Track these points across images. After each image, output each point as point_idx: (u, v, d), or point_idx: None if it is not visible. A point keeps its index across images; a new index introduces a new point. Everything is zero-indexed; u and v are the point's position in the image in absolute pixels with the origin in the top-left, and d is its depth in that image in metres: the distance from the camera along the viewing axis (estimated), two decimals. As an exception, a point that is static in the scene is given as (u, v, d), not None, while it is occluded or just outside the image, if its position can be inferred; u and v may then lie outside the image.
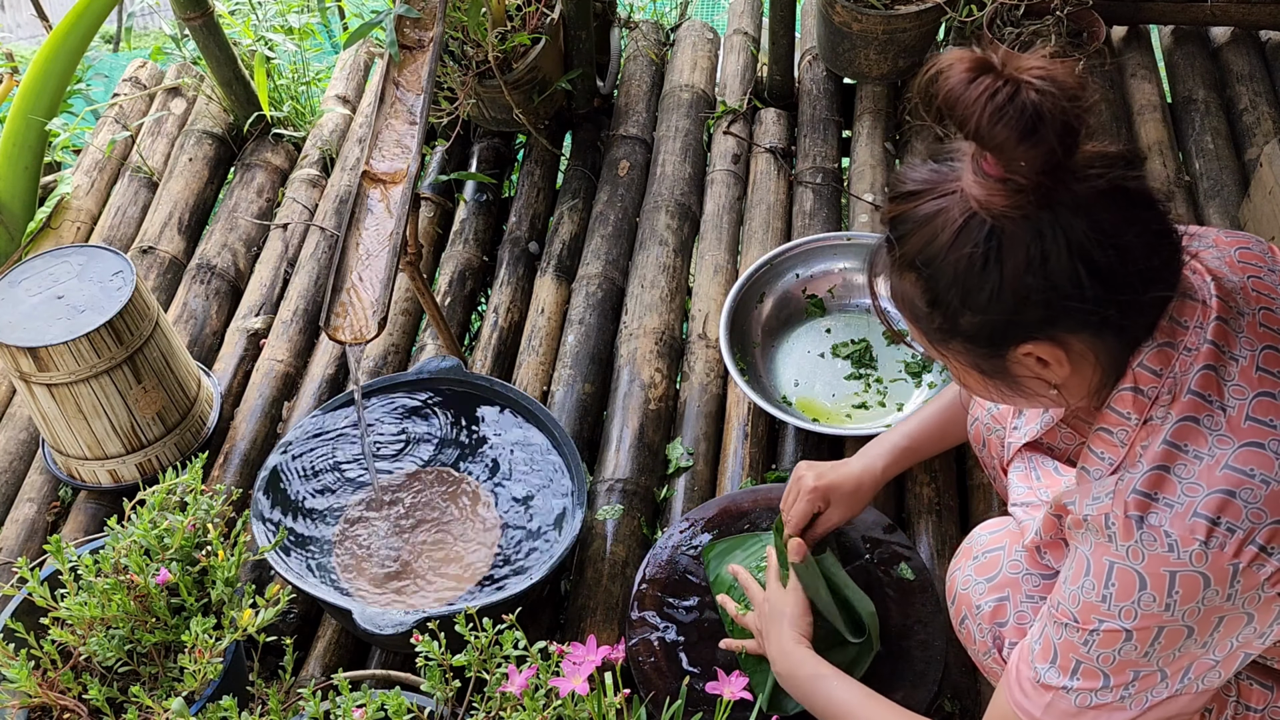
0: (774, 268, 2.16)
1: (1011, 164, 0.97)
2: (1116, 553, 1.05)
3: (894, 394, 2.03)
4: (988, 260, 1.01)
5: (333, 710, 1.27)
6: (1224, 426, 1.04)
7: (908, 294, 1.10)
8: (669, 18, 3.02)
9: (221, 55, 2.51)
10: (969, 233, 1.01)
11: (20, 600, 1.53)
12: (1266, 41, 2.71)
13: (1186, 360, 1.07)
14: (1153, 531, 1.03)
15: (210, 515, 1.51)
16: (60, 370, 1.77)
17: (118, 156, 2.64)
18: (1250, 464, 1.02)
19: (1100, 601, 1.06)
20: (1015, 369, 1.10)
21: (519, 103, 2.43)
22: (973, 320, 1.06)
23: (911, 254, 1.06)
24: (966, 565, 1.45)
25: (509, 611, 1.33)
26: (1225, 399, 1.05)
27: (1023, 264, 1.00)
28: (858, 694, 1.37)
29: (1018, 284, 1.01)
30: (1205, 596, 1.02)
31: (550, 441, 1.87)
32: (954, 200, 1.03)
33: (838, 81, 2.69)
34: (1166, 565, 1.02)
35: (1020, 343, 1.06)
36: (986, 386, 1.15)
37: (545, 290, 2.30)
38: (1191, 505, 1.02)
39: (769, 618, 1.51)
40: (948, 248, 1.03)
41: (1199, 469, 1.03)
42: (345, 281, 1.66)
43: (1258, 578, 1.02)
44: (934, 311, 1.08)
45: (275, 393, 2.15)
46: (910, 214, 1.06)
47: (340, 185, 2.53)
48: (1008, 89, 0.94)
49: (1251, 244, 1.16)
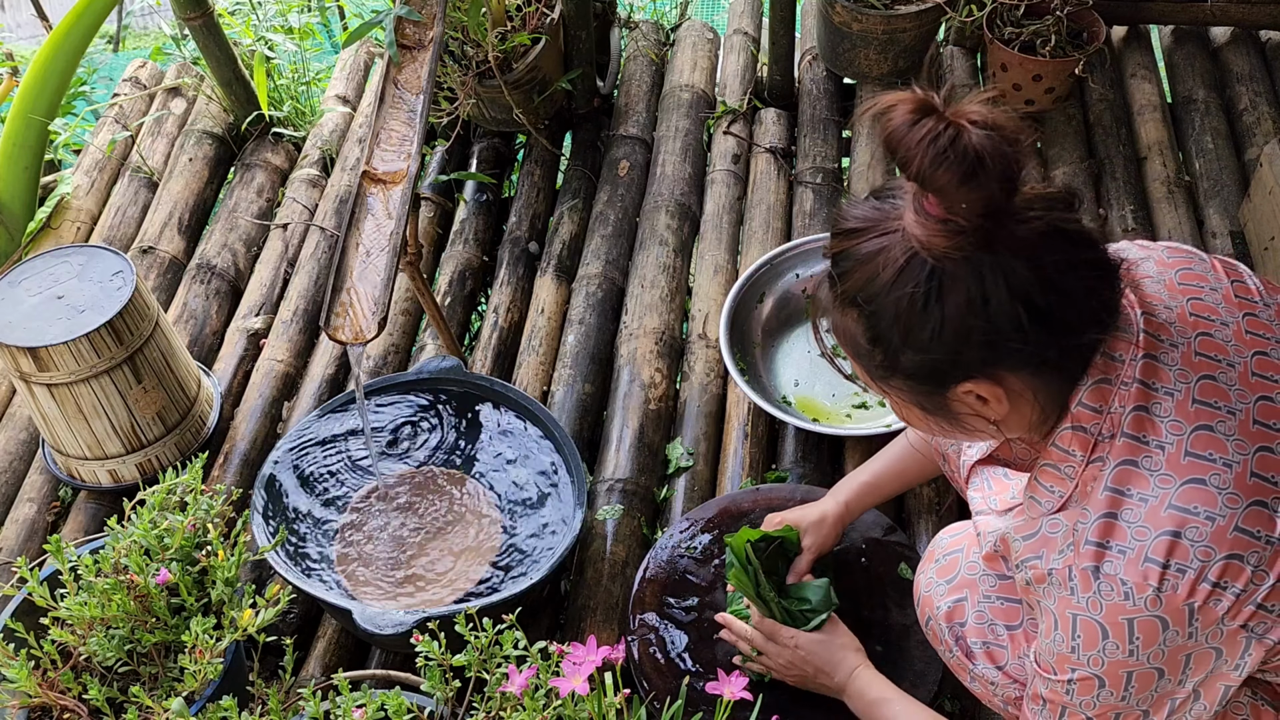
0: (774, 268, 2.16)
1: (953, 206, 0.97)
2: (1078, 604, 1.06)
3: (894, 394, 2.03)
4: (928, 300, 1.01)
5: (333, 710, 1.27)
6: (1163, 465, 1.04)
7: (850, 330, 1.10)
8: (669, 18, 3.02)
9: (221, 55, 2.51)
10: (910, 272, 1.01)
11: (20, 600, 1.53)
12: (1266, 41, 2.71)
13: (1124, 394, 1.07)
14: (1109, 580, 1.04)
15: (210, 515, 1.51)
16: (60, 370, 1.77)
17: (118, 156, 2.64)
18: (1193, 501, 1.02)
19: (1070, 653, 1.08)
20: (955, 406, 1.10)
21: (519, 103, 2.43)
22: (914, 359, 1.06)
23: (853, 291, 1.06)
24: (929, 569, 1.48)
25: (509, 611, 1.33)
26: (1163, 436, 1.05)
27: (964, 305, 1.00)
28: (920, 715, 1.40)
29: (959, 324, 1.01)
30: (1165, 639, 1.03)
31: (550, 441, 1.87)
32: (895, 239, 1.02)
33: (838, 81, 2.69)
34: (1124, 614, 1.03)
35: (960, 381, 1.06)
36: (927, 422, 1.15)
37: (545, 290, 2.30)
38: (1141, 550, 1.03)
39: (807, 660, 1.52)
40: (889, 286, 1.03)
41: (1144, 512, 1.04)
42: (345, 281, 1.66)
43: (1215, 613, 1.02)
44: (875, 349, 1.08)
45: (275, 393, 2.15)
46: (852, 251, 1.06)
47: (340, 185, 2.53)
48: (949, 132, 0.94)
49: (1194, 263, 1.15)
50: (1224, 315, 1.11)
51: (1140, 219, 2.32)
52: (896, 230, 1.03)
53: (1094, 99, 2.56)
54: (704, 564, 1.76)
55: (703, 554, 1.77)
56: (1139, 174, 2.43)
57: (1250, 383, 1.07)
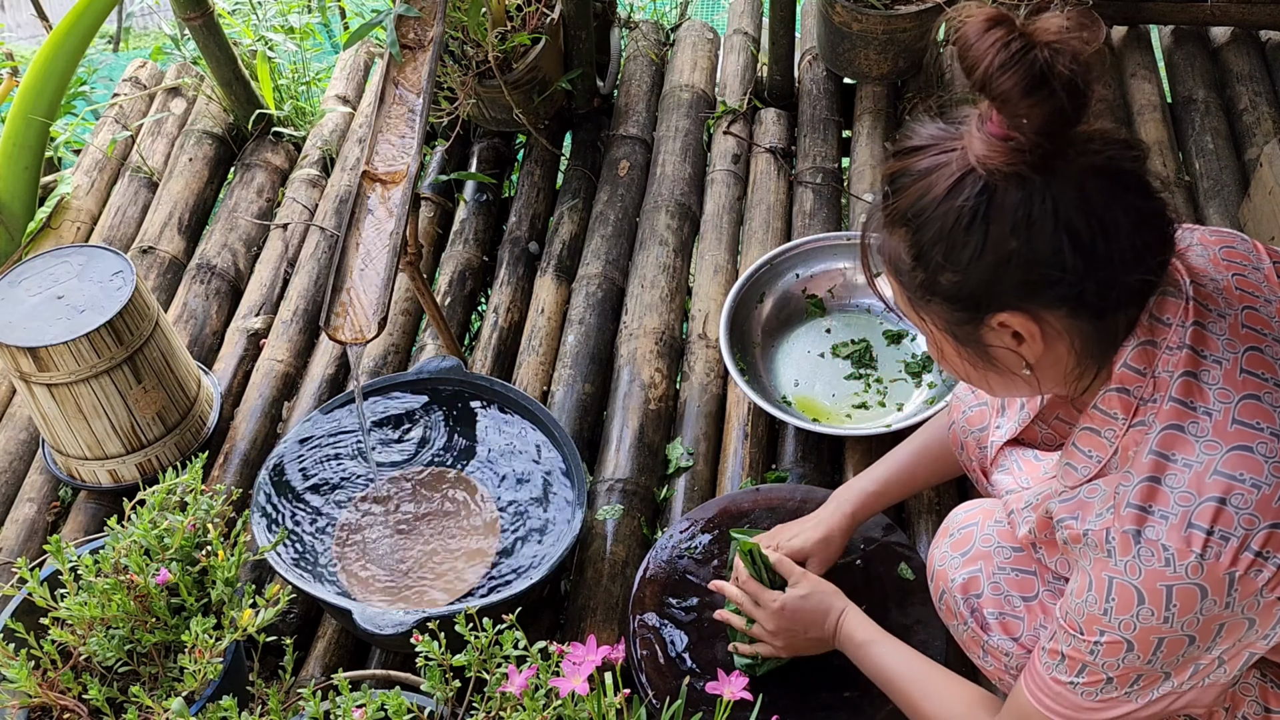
0: (774, 268, 2.16)
1: (1014, 120, 0.98)
2: (1115, 568, 1.06)
3: (894, 394, 2.03)
4: (975, 217, 1.02)
5: (333, 710, 1.27)
6: (1210, 432, 1.04)
7: (895, 250, 1.10)
8: (669, 18, 3.02)
9: (221, 55, 2.51)
10: (962, 187, 1.02)
11: (20, 600, 1.53)
12: (1266, 41, 2.71)
13: (1169, 359, 1.07)
14: (1150, 545, 1.03)
15: (210, 515, 1.51)
16: (60, 370, 1.77)
17: (118, 156, 2.64)
18: (1239, 469, 1.02)
19: (1102, 615, 1.07)
20: (989, 339, 1.10)
21: (519, 103, 2.43)
22: (953, 279, 1.06)
23: (904, 207, 1.07)
24: (943, 543, 1.48)
25: (509, 611, 1.33)
26: (1210, 403, 1.05)
27: (1009, 225, 1.01)
28: (913, 660, 1.40)
29: (1001, 245, 1.02)
30: (1203, 607, 1.03)
31: (550, 441, 1.87)
32: (954, 156, 1.04)
33: (838, 81, 2.68)
34: (1163, 580, 1.03)
35: (997, 310, 1.06)
36: (961, 359, 1.15)
37: (545, 290, 2.30)
38: (1186, 515, 1.02)
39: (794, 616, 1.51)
40: (939, 201, 1.03)
41: (1189, 477, 1.03)
42: (345, 281, 1.66)
43: (1255, 584, 1.02)
44: (917, 267, 1.08)
45: (275, 393, 2.15)
46: (910, 168, 1.07)
47: (340, 185, 2.53)
48: (1020, 42, 0.95)
49: (1236, 242, 1.16)
50: (1267, 293, 1.11)
51: (1140, 219, 2.31)
52: (956, 149, 1.03)
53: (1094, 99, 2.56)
54: (704, 564, 1.76)
55: (703, 554, 1.77)
56: (1139, 174, 2.43)
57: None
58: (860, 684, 1.55)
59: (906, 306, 1.15)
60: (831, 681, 1.59)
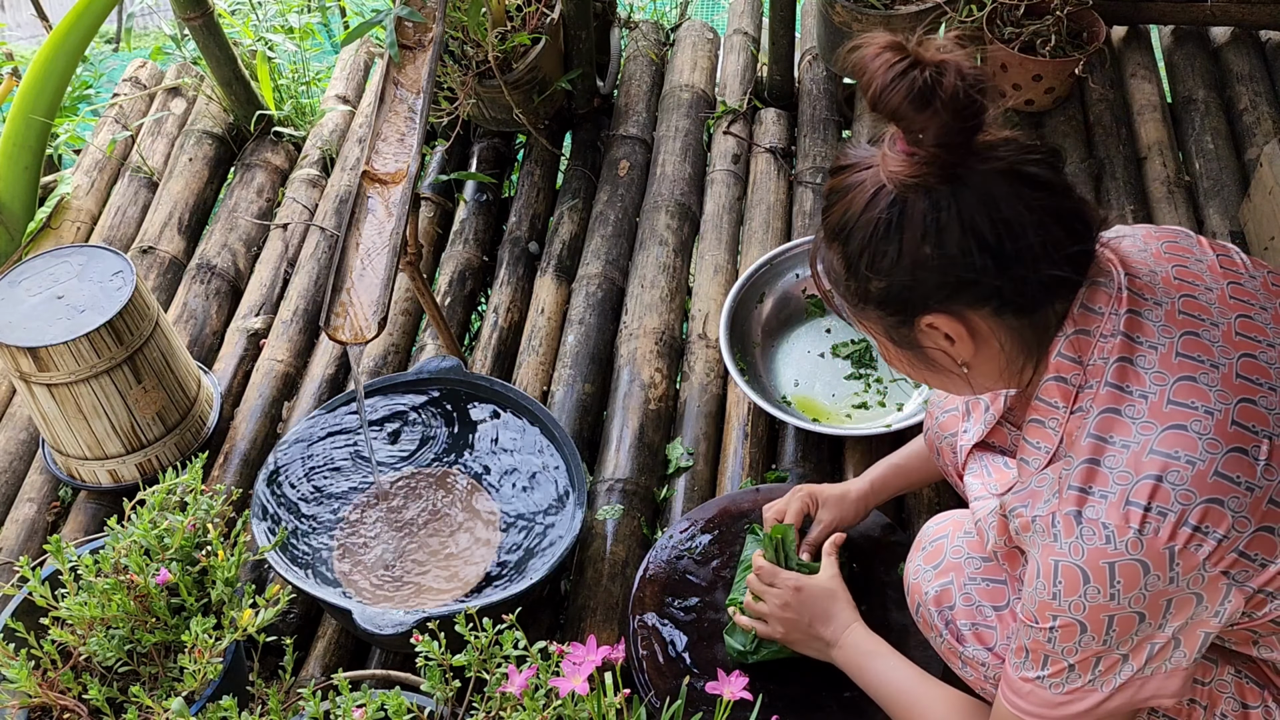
0: (774, 268, 2.16)
1: (912, 135, 1.05)
2: (1060, 551, 1.09)
3: (894, 394, 2.03)
4: (890, 227, 1.09)
5: (333, 710, 1.27)
6: (1146, 414, 1.08)
7: (831, 263, 1.18)
8: (669, 18, 3.02)
9: (221, 55, 2.51)
10: (877, 200, 1.10)
11: (20, 600, 1.53)
12: (1266, 41, 2.71)
13: (1103, 346, 1.11)
14: (1091, 525, 1.07)
15: (210, 515, 1.51)
16: (60, 370, 1.77)
17: (118, 156, 2.64)
18: (1175, 446, 1.05)
19: (1052, 599, 1.10)
20: (923, 341, 1.16)
21: (519, 103, 2.43)
22: (879, 286, 1.13)
23: (834, 223, 1.14)
24: (916, 556, 1.50)
25: (509, 611, 1.33)
26: (1146, 386, 1.09)
27: (920, 232, 1.08)
28: (911, 674, 1.42)
29: (915, 251, 1.09)
30: (1147, 583, 1.05)
31: (550, 441, 1.87)
32: (871, 173, 1.11)
33: (838, 81, 2.68)
34: (1105, 558, 1.06)
35: (923, 313, 1.13)
36: (902, 359, 1.22)
37: (545, 290, 2.30)
38: (1123, 493, 1.05)
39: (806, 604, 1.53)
40: (859, 214, 1.11)
41: (1126, 457, 1.07)
42: (345, 281, 1.66)
43: (1196, 558, 1.04)
44: (849, 277, 1.15)
45: (275, 393, 2.15)
46: (838, 186, 1.14)
47: (340, 185, 2.53)
48: (906, 62, 1.02)
49: (1179, 237, 1.21)
50: (1208, 281, 1.16)
51: (1140, 219, 2.32)
52: (874, 166, 1.11)
53: (1094, 99, 2.56)
54: (704, 564, 1.76)
55: (703, 554, 1.77)
56: (1139, 174, 2.44)
57: (1234, 340, 1.11)
58: (860, 684, 1.54)
59: (850, 315, 1.22)
60: (831, 682, 1.59)
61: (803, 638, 1.54)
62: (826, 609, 1.52)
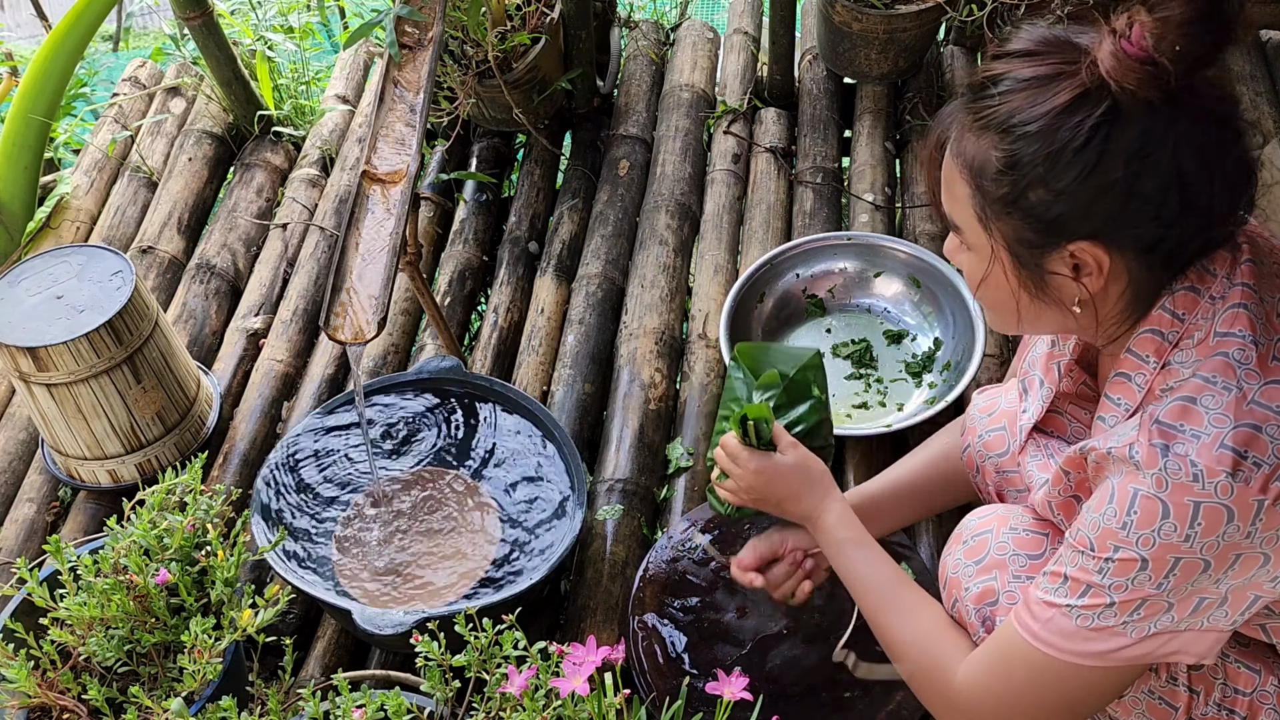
0: (774, 268, 2.16)
1: (1163, 45, 0.94)
2: (1141, 480, 1.03)
3: (894, 394, 2.03)
4: (1092, 138, 0.98)
5: (332, 710, 1.27)
6: (1254, 361, 1.03)
7: (979, 155, 1.05)
8: (669, 17, 3.02)
9: (221, 55, 2.51)
10: (1085, 103, 0.98)
11: (20, 600, 1.53)
12: (1267, 41, 2.71)
13: (1209, 307, 1.06)
14: (1178, 460, 1.01)
15: (210, 515, 1.50)
16: (60, 370, 1.77)
17: (117, 156, 2.64)
18: (1277, 401, 1.01)
19: (1120, 529, 1.04)
20: (1053, 267, 1.07)
21: (519, 102, 2.43)
22: (1044, 197, 1.02)
23: (1007, 112, 1.02)
24: (957, 550, 1.44)
25: (509, 611, 1.33)
26: (1257, 335, 1.04)
27: (1125, 154, 0.98)
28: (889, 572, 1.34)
29: (1109, 173, 0.99)
30: (1226, 531, 1.01)
31: (550, 441, 1.87)
32: (1076, 69, 1.00)
33: (838, 81, 2.68)
34: (1191, 495, 1.01)
35: (1076, 239, 1.03)
36: (1010, 281, 1.11)
37: (545, 290, 2.30)
38: (1218, 437, 1.01)
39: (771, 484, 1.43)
40: (1056, 112, 0.99)
41: (1228, 400, 1.02)
42: (345, 281, 1.66)
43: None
44: (1004, 178, 1.04)
45: (275, 393, 2.15)
46: (1018, 73, 1.03)
47: (340, 185, 2.53)
48: None
49: None
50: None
51: (1140, 219, 2.31)
52: (1079, 61, 1.00)
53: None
54: (704, 564, 1.76)
55: (703, 554, 1.77)
56: (1139, 174, 2.43)
57: None
58: (860, 684, 1.54)
59: (970, 216, 1.10)
60: (832, 682, 1.59)
61: (776, 509, 1.46)
62: (793, 488, 1.42)
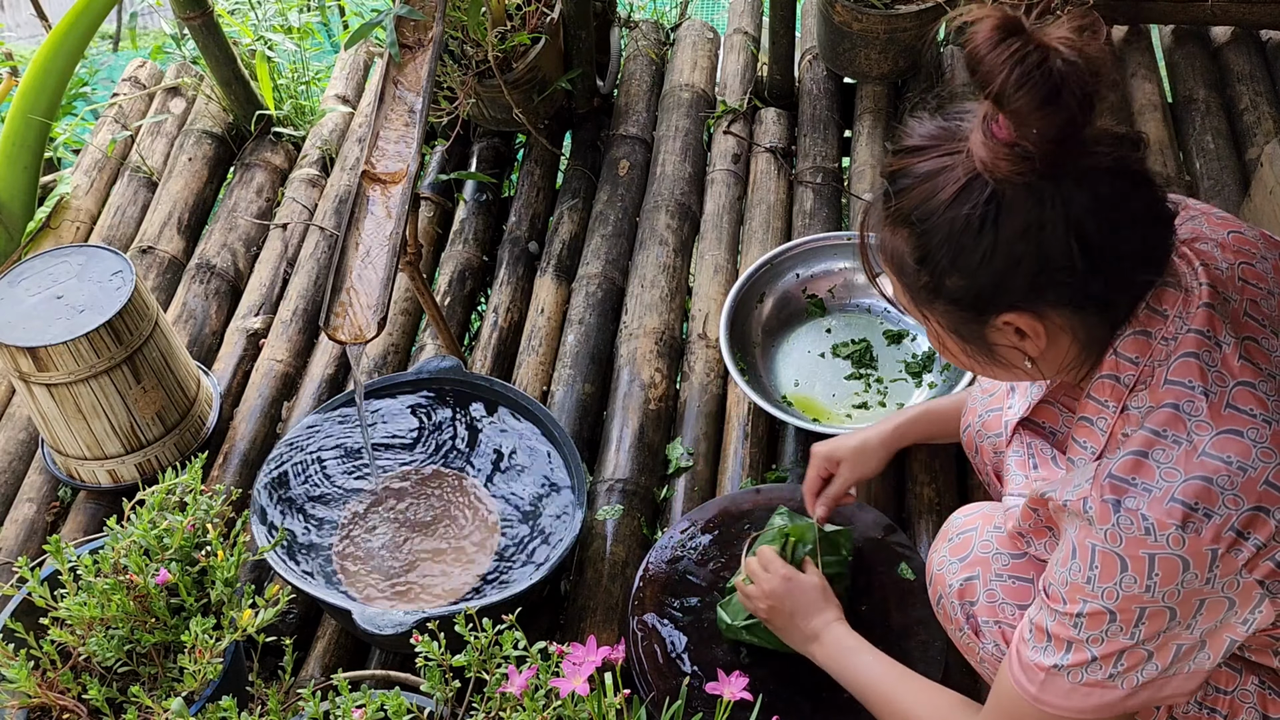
0: (774, 267, 2.16)
1: (1024, 130, 0.97)
2: (1096, 535, 1.06)
3: (894, 394, 2.03)
4: (984, 223, 1.01)
5: (332, 710, 1.27)
6: (1204, 413, 1.05)
7: (898, 250, 1.10)
8: (669, 17, 3.02)
9: (221, 55, 2.51)
10: (970, 193, 1.02)
11: (20, 600, 1.53)
12: (1267, 41, 2.71)
13: (1162, 349, 1.07)
14: (1129, 515, 1.04)
15: (210, 515, 1.50)
16: (60, 370, 1.77)
17: (117, 156, 2.64)
18: (1228, 451, 1.03)
19: (1086, 583, 1.07)
20: (994, 337, 1.11)
21: (519, 102, 2.43)
22: (959, 283, 1.06)
23: (908, 209, 1.06)
24: (942, 547, 1.47)
25: (509, 611, 1.33)
26: (1208, 385, 1.05)
27: (1019, 230, 1.01)
28: (892, 670, 1.40)
29: (1011, 250, 1.02)
30: (1184, 579, 1.03)
31: (550, 441, 1.87)
32: (958, 159, 1.03)
33: (838, 81, 2.68)
34: (1145, 548, 1.03)
35: (1003, 311, 1.07)
36: (964, 353, 1.16)
37: (545, 290, 2.30)
38: (1169, 490, 1.03)
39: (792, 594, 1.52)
40: (946, 205, 1.03)
41: (1177, 454, 1.04)
42: (345, 281, 1.66)
43: (1236, 563, 1.03)
44: (922, 270, 1.08)
45: (275, 393, 2.15)
46: (912, 169, 1.06)
47: (340, 185, 2.53)
48: (1035, 55, 0.93)
49: (1244, 229, 1.16)
50: (1271, 285, 1.12)
51: (1140, 219, 2.31)
52: (960, 151, 1.03)
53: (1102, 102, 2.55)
54: (704, 564, 1.76)
55: (703, 554, 1.77)
56: (1139, 174, 2.43)
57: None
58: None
59: (909, 304, 1.15)
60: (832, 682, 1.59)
61: (785, 624, 1.53)
62: (813, 602, 1.51)
